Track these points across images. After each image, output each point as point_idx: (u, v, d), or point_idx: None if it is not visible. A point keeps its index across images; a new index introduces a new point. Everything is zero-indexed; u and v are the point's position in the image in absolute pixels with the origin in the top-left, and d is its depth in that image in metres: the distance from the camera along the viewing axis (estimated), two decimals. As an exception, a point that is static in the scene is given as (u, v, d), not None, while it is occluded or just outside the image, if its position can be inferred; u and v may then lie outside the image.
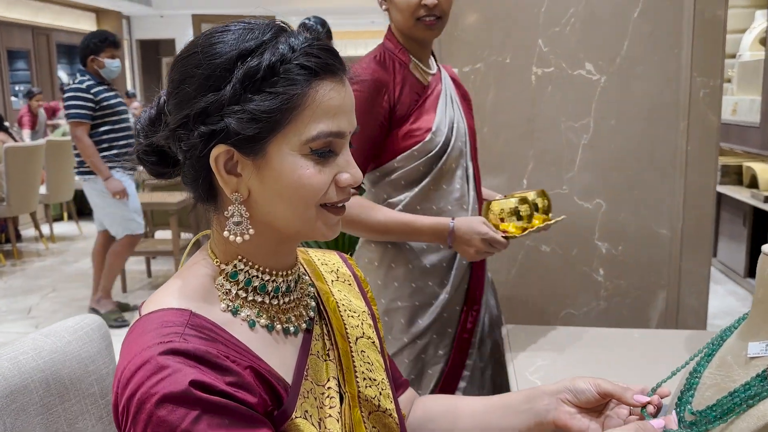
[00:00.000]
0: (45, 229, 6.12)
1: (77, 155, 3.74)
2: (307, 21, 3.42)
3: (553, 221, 1.49)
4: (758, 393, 0.66)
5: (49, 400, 0.92)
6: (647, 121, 2.04)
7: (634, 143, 2.05)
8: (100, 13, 12.26)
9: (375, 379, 0.83)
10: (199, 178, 0.72)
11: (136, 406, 0.63)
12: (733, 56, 5.04)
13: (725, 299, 4.17)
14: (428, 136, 1.48)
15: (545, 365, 1.28)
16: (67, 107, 3.64)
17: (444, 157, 1.50)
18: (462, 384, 1.56)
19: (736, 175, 4.70)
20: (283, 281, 0.77)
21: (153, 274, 4.93)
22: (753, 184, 4.39)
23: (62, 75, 11.21)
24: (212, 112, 0.68)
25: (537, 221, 1.47)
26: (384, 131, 1.48)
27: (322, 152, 0.70)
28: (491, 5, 2.04)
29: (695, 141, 2.03)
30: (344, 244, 2.81)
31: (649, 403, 0.75)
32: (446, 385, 1.55)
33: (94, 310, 3.93)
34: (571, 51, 2.01)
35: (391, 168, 1.50)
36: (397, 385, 0.95)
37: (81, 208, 6.58)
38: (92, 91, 3.60)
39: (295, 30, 0.73)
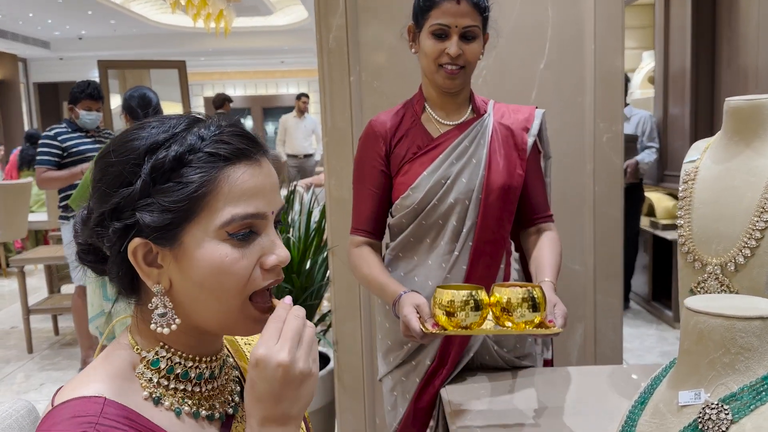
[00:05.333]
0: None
1: (60, 200, 3.77)
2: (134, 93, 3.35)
3: (525, 329, 1.21)
4: (690, 440, 0.72)
5: (-23, 499, 0.87)
6: (557, 165, 2.17)
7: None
8: (-8, 55, 11.65)
9: None
10: (120, 272, 0.72)
11: None
12: (622, 95, 5.44)
13: (633, 322, 4.41)
14: (406, 192, 1.50)
15: (483, 412, 1.32)
16: (36, 153, 3.71)
17: (423, 214, 1.50)
18: None
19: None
20: (207, 367, 0.76)
21: (60, 332, 4.65)
22: (651, 212, 4.71)
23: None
24: (125, 208, 0.69)
25: (508, 323, 1.22)
26: (387, 178, 1.54)
27: (242, 235, 0.70)
28: (408, 58, 2.12)
29: (602, 182, 2.17)
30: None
31: None
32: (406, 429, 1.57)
33: None
34: (484, 101, 2.12)
35: (391, 215, 1.57)
36: None
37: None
38: (59, 138, 3.64)
39: (211, 119, 0.74)
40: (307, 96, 8.24)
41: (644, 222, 4.59)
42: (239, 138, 0.72)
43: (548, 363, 1.69)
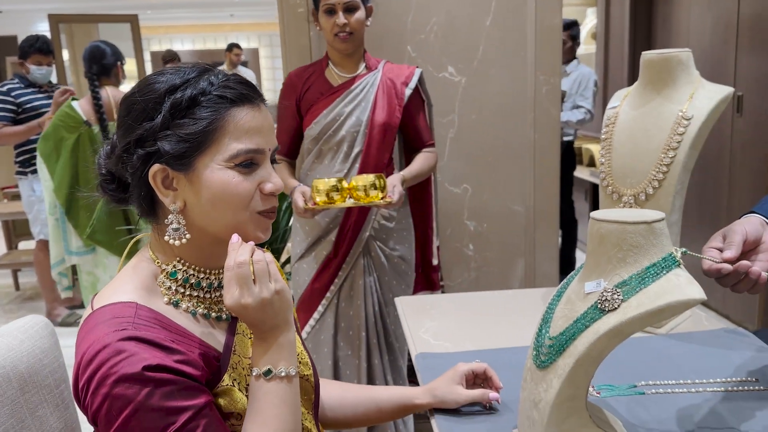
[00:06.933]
0: None
1: (17, 155, 3.79)
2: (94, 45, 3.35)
3: (368, 202, 1.86)
4: (592, 318, 0.93)
5: (12, 393, 1.02)
6: (501, 115, 2.37)
7: (492, 135, 2.37)
8: None
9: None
10: (141, 194, 0.88)
11: (97, 382, 0.76)
12: (560, 50, 5.66)
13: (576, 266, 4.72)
14: (311, 125, 2.02)
15: (434, 325, 1.53)
16: None
17: (321, 141, 2.03)
18: (315, 316, 2.10)
19: (577, 157, 5.31)
20: (215, 278, 0.92)
21: (21, 287, 4.69)
22: (591, 163, 5.00)
23: None
24: (148, 138, 0.84)
25: (362, 199, 1.87)
26: (297, 118, 2.07)
27: (245, 164, 0.85)
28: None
29: (541, 131, 2.38)
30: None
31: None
32: (303, 306, 2.10)
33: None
34: (435, 56, 2.29)
35: (303, 144, 2.11)
36: None
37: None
38: (13, 94, 3.63)
39: (218, 70, 0.90)
40: (239, 47, 7.75)
41: (585, 172, 4.88)
42: (243, 85, 0.87)
43: (437, 268, 2.24)
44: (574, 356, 0.93)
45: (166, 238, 0.87)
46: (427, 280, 2.27)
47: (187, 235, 0.87)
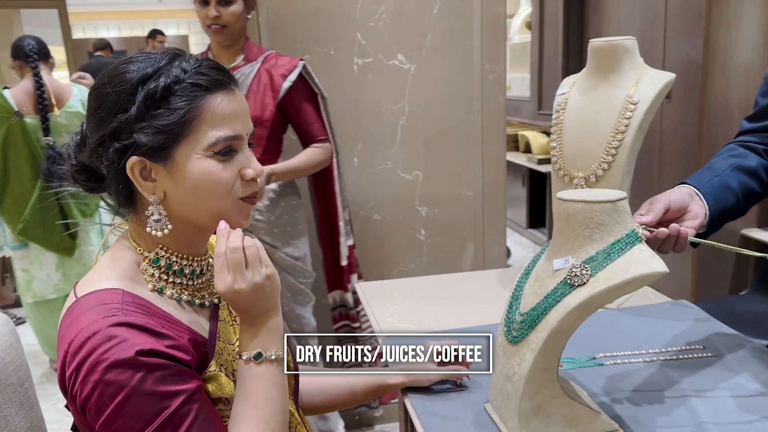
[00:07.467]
0: None
1: None
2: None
3: None
4: (562, 293, 0.98)
5: (-26, 392, 0.98)
6: (450, 102, 2.41)
7: (441, 122, 2.42)
8: None
9: None
10: (119, 186, 0.86)
11: (87, 369, 0.74)
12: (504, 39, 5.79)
13: (513, 248, 4.86)
14: None
15: (398, 309, 1.56)
16: None
17: None
18: None
19: (513, 143, 5.45)
20: (198, 265, 0.92)
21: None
22: (527, 149, 5.14)
23: None
24: (123, 130, 0.82)
25: None
26: None
27: (224, 152, 0.84)
28: (313, 1, 2.25)
29: (488, 118, 2.44)
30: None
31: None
32: None
33: None
34: (384, 43, 2.30)
35: None
36: None
37: None
38: None
39: (188, 54, 0.88)
40: (162, 34, 7.09)
41: (522, 158, 5.01)
42: (215, 70, 0.85)
43: (348, 269, 2.19)
44: (546, 330, 0.97)
45: (148, 229, 0.86)
46: (337, 280, 2.24)
47: (169, 226, 0.86)
